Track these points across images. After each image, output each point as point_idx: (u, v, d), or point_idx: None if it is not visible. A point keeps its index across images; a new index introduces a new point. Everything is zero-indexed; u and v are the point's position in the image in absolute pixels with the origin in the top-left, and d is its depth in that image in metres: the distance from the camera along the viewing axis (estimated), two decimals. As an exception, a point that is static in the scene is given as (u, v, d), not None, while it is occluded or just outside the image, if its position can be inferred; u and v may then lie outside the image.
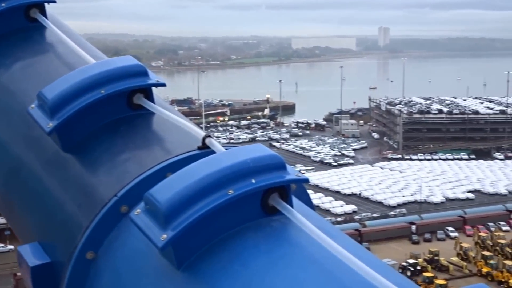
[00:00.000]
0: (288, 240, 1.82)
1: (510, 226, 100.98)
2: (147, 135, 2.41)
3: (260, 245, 1.80)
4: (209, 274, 1.77)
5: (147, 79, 2.46)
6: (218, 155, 1.95)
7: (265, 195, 1.86)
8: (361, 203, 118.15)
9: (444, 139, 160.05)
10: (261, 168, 1.85)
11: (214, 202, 1.79)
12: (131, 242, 2.02)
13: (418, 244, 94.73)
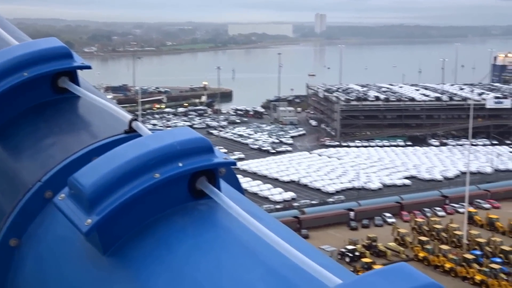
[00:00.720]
0: (216, 224, 1.82)
1: (445, 212, 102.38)
2: (72, 119, 2.37)
3: (187, 229, 1.79)
4: (135, 259, 1.75)
5: (72, 61, 2.41)
6: (144, 138, 1.92)
7: (192, 179, 1.84)
8: (299, 190, 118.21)
9: (381, 126, 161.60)
10: (188, 151, 1.83)
11: (139, 186, 1.76)
12: (56, 228, 1.97)
13: (356, 230, 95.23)
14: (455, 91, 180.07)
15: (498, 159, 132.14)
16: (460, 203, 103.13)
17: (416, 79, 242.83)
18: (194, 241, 1.75)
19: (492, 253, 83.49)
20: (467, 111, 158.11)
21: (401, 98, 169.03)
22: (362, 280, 1.60)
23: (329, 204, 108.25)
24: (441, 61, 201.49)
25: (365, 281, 1.58)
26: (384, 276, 1.60)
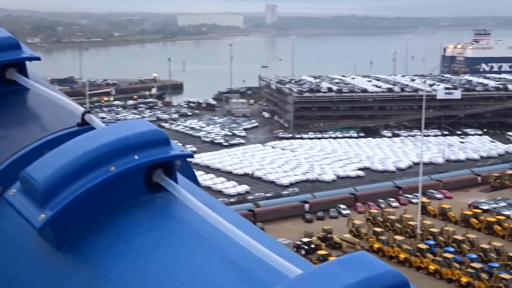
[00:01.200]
0: (173, 217, 1.81)
1: (399, 202, 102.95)
2: (22, 112, 2.30)
3: (144, 223, 1.78)
4: (91, 254, 1.74)
5: (20, 52, 2.34)
6: (98, 131, 1.88)
7: (148, 172, 1.82)
8: (253, 183, 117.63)
9: (334, 118, 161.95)
10: (144, 144, 1.80)
11: (94, 179, 1.73)
12: (7, 224, 1.92)
13: (311, 223, 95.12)
14: (407, 82, 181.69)
15: (449, 150, 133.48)
16: (413, 193, 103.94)
17: (368, 70, 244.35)
18: (152, 235, 1.75)
19: (445, 243, 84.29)
20: (418, 102, 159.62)
21: (353, 90, 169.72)
22: (322, 270, 1.63)
23: (283, 196, 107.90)
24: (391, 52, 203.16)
25: (325, 270, 1.61)
26: (344, 265, 1.64)
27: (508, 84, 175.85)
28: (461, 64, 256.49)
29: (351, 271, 1.68)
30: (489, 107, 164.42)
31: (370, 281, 1.72)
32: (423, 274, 77.49)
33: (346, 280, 1.67)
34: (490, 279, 72.85)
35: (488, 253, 79.80)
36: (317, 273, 1.67)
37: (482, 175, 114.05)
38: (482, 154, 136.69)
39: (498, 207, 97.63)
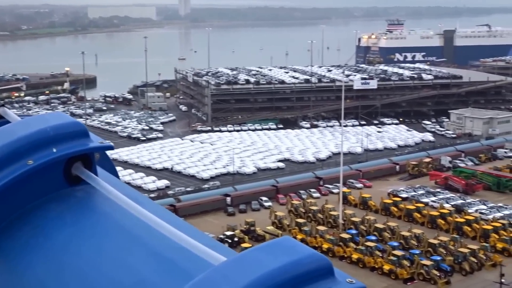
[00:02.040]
0: (94, 209, 1.81)
1: (320, 193, 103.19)
2: None
3: (65, 217, 1.76)
4: (9, 249, 1.70)
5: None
6: (14, 124, 1.83)
7: (67, 164, 1.81)
8: (173, 178, 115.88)
9: (252, 110, 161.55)
10: (62, 136, 1.77)
11: (12, 173, 1.69)
12: None
13: (234, 216, 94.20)
14: (324, 73, 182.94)
15: (367, 139, 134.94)
16: (334, 183, 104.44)
17: (284, 61, 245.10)
18: (73, 228, 1.73)
19: (366, 232, 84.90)
20: (336, 92, 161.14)
21: (271, 81, 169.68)
22: (246, 256, 1.67)
23: (204, 190, 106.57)
24: (306, 43, 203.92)
25: (249, 256, 1.65)
26: (267, 250, 1.69)
27: (422, 74, 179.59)
28: (375, 54, 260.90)
29: (275, 256, 1.74)
30: (404, 96, 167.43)
31: (294, 265, 1.83)
32: (346, 263, 77.70)
33: (269, 265, 1.74)
34: (411, 266, 73.76)
35: (408, 241, 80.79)
36: (240, 259, 1.71)
37: (400, 163, 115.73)
38: (399, 143, 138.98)
39: (417, 194, 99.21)
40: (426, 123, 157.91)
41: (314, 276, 1.91)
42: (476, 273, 73.79)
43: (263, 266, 1.74)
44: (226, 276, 1.72)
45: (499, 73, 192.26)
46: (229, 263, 1.66)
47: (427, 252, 77.46)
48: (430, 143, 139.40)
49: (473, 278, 72.89)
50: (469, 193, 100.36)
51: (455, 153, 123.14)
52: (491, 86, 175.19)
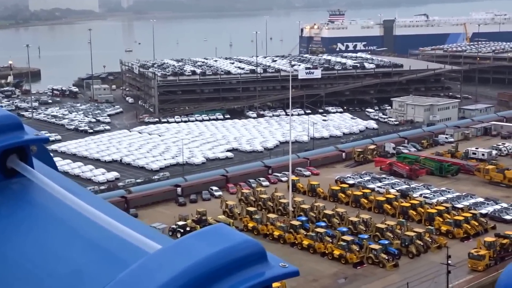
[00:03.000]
0: (30, 202, 1.77)
1: (269, 181, 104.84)
2: None
3: (0, 209, 1.73)
4: None
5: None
6: None
7: (2, 157, 1.77)
8: (123, 170, 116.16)
9: (199, 100, 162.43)
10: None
11: None
12: None
13: (185, 206, 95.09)
14: (268, 63, 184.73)
15: (313, 128, 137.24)
16: (282, 172, 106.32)
17: (228, 52, 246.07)
18: (8, 221, 1.70)
19: (316, 218, 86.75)
20: (281, 82, 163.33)
21: (217, 72, 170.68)
22: (181, 243, 1.71)
23: (155, 181, 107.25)
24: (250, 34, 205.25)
25: (183, 244, 1.69)
26: (202, 237, 1.73)
27: (364, 63, 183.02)
28: (318, 45, 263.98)
29: (209, 243, 1.79)
30: (348, 85, 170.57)
31: (227, 251, 1.90)
32: (297, 249, 79.45)
33: (203, 252, 1.80)
34: (360, 250, 75.86)
35: (357, 226, 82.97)
36: (175, 247, 1.76)
37: (346, 151, 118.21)
38: (344, 131, 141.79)
39: (363, 181, 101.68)
40: (369, 111, 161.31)
41: (248, 261, 2.01)
42: (422, 256, 76.38)
43: (197, 253, 1.80)
44: (161, 263, 1.77)
45: (438, 61, 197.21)
46: (164, 251, 1.70)
47: (375, 237, 79.73)
48: (374, 130, 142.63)
49: (419, 260, 75.47)
50: (413, 178, 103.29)
51: (398, 140, 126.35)
52: (430, 74, 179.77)
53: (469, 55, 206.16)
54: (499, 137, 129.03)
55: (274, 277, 2.20)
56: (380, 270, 73.99)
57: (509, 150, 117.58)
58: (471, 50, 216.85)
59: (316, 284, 71.44)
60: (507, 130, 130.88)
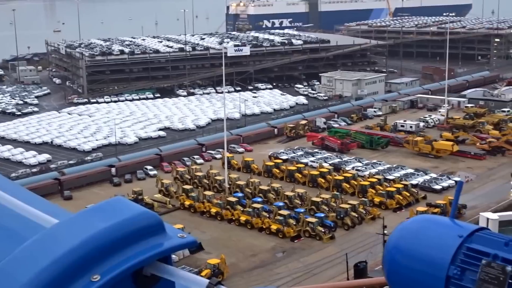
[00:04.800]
0: None
1: (203, 159, 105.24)
2: None
3: None
4: None
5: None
6: None
7: None
8: (54, 151, 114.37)
9: (128, 80, 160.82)
10: None
11: None
12: None
13: (120, 186, 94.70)
14: (197, 41, 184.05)
15: (244, 105, 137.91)
16: (216, 149, 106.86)
17: (155, 31, 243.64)
18: None
19: (252, 194, 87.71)
20: (210, 60, 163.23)
21: (145, 51, 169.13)
22: (78, 217, 1.73)
23: (88, 162, 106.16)
24: (175, 12, 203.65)
25: (80, 217, 1.71)
26: (98, 211, 1.74)
27: (292, 39, 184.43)
28: (244, 22, 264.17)
29: (106, 216, 1.83)
30: (276, 62, 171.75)
31: (124, 224, 1.92)
32: (235, 225, 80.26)
33: (100, 225, 1.81)
34: (297, 224, 77.24)
35: (293, 200, 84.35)
36: (72, 221, 1.80)
37: (277, 127, 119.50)
38: (274, 107, 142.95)
39: (296, 156, 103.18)
40: (298, 87, 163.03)
41: (145, 233, 2.05)
42: (357, 227, 78.33)
43: (93, 226, 1.83)
44: (57, 238, 1.79)
45: (363, 36, 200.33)
46: (61, 225, 1.72)
47: (310, 210, 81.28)
48: (304, 106, 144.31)
49: (354, 231, 77.38)
50: (345, 151, 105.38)
51: (328, 114, 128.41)
52: (357, 49, 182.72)
53: (393, 30, 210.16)
54: (425, 110, 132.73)
55: (172, 247, 2.21)
56: (317, 242, 75.52)
57: (435, 122, 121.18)
58: (395, 25, 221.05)
59: (255, 259, 72.50)
60: (432, 103, 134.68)
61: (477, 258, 2.69)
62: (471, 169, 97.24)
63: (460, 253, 2.76)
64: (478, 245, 2.75)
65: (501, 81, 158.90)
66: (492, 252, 2.67)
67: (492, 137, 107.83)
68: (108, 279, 2.01)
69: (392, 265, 2.98)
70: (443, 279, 2.74)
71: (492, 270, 2.59)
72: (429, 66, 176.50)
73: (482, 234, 2.81)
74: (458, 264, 2.74)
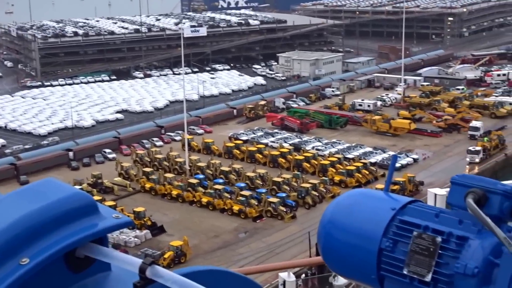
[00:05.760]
0: None
1: (163, 141, 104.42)
2: None
3: None
4: None
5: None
6: None
7: None
8: (9, 136, 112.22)
9: (83, 62, 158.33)
10: None
11: None
12: None
13: (78, 170, 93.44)
14: (152, 22, 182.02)
15: (202, 86, 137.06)
16: (175, 131, 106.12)
17: (108, 12, 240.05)
18: None
19: (213, 175, 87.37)
20: (166, 41, 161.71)
21: (100, 32, 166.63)
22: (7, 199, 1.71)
23: (44, 147, 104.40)
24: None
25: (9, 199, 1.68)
26: (29, 192, 1.72)
27: (249, 19, 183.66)
28: (200, 2, 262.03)
29: (36, 197, 1.80)
30: (233, 42, 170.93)
31: (56, 204, 1.91)
32: (196, 207, 79.95)
33: (31, 206, 1.80)
34: (259, 204, 77.30)
35: (254, 181, 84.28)
36: (1, 202, 1.78)
37: (237, 107, 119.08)
38: (233, 88, 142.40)
39: (256, 136, 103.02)
40: (256, 67, 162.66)
41: (78, 214, 2.01)
42: (318, 206, 78.53)
43: (22, 208, 1.80)
44: None
45: (319, 16, 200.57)
46: None
47: (272, 190, 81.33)
48: (262, 86, 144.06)
49: (316, 210, 77.53)
50: (304, 131, 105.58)
51: (287, 95, 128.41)
52: (313, 29, 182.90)
53: (349, 10, 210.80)
54: (382, 89, 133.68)
55: (106, 228, 2.18)
56: (279, 222, 75.74)
57: (392, 101, 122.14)
58: (350, 4, 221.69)
59: (217, 240, 72.39)
60: (389, 82, 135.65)
61: (409, 230, 2.70)
62: (428, 147, 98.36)
63: (393, 225, 2.77)
64: (410, 217, 2.75)
65: (455, 60, 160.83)
66: (423, 224, 2.68)
67: (448, 114, 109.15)
68: (38, 262, 1.97)
69: (326, 240, 2.97)
70: (375, 252, 2.76)
71: (423, 241, 2.62)
72: (385, 45, 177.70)
73: (414, 206, 2.82)
74: (391, 236, 2.75)
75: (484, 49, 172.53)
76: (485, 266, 2.48)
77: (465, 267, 2.50)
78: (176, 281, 1.94)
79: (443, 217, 2.69)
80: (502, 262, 2.44)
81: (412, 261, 2.64)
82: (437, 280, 2.58)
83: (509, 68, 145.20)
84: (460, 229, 2.61)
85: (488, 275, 2.47)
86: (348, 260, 2.88)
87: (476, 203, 2.52)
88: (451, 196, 2.66)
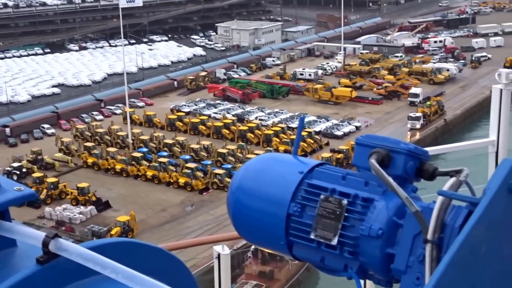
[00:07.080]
0: None
1: (103, 115, 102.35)
2: None
3: None
4: None
5: None
6: None
7: None
8: None
9: (15, 35, 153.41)
10: None
11: None
12: None
13: (16, 147, 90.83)
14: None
15: (141, 58, 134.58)
16: (115, 104, 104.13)
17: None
18: None
19: (157, 149, 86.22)
20: (101, 12, 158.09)
21: (31, 4, 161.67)
22: None
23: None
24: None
25: None
26: None
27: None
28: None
29: None
30: (170, 12, 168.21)
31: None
32: (141, 181, 78.80)
33: None
34: (205, 177, 76.64)
35: (199, 153, 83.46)
36: None
37: (177, 79, 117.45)
38: (172, 59, 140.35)
39: (199, 108, 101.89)
40: (194, 38, 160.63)
41: None
42: (265, 175, 78.37)
43: None
44: None
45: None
46: None
47: (217, 162, 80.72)
48: (202, 57, 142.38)
49: (262, 180, 77.44)
50: (247, 102, 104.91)
51: (228, 65, 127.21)
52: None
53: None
54: (322, 57, 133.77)
55: (8, 200, 2.10)
56: (225, 194, 72.11)
57: (333, 69, 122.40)
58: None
59: (165, 214, 71.58)
60: (329, 50, 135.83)
61: (316, 193, 2.65)
62: (369, 114, 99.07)
63: (301, 189, 2.70)
64: (318, 181, 2.69)
65: (392, 27, 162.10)
66: (330, 187, 2.63)
67: (388, 82, 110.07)
68: None
69: (236, 207, 2.86)
70: (283, 217, 2.69)
71: (330, 204, 2.59)
72: (323, 14, 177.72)
73: (322, 169, 2.75)
74: (299, 201, 2.68)
75: (420, 16, 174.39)
76: (389, 227, 2.46)
77: (369, 229, 2.46)
78: (81, 254, 1.87)
79: (350, 179, 2.63)
80: (405, 223, 2.41)
81: (319, 225, 2.58)
82: (343, 243, 2.53)
83: (445, 34, 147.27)
84: (365, 190, 2.56)
85: (392, 236, 2.45)
86: (258, 226, 2.79)
87: (380, 163, 2.47)
88: (356, 158, 2.61)
